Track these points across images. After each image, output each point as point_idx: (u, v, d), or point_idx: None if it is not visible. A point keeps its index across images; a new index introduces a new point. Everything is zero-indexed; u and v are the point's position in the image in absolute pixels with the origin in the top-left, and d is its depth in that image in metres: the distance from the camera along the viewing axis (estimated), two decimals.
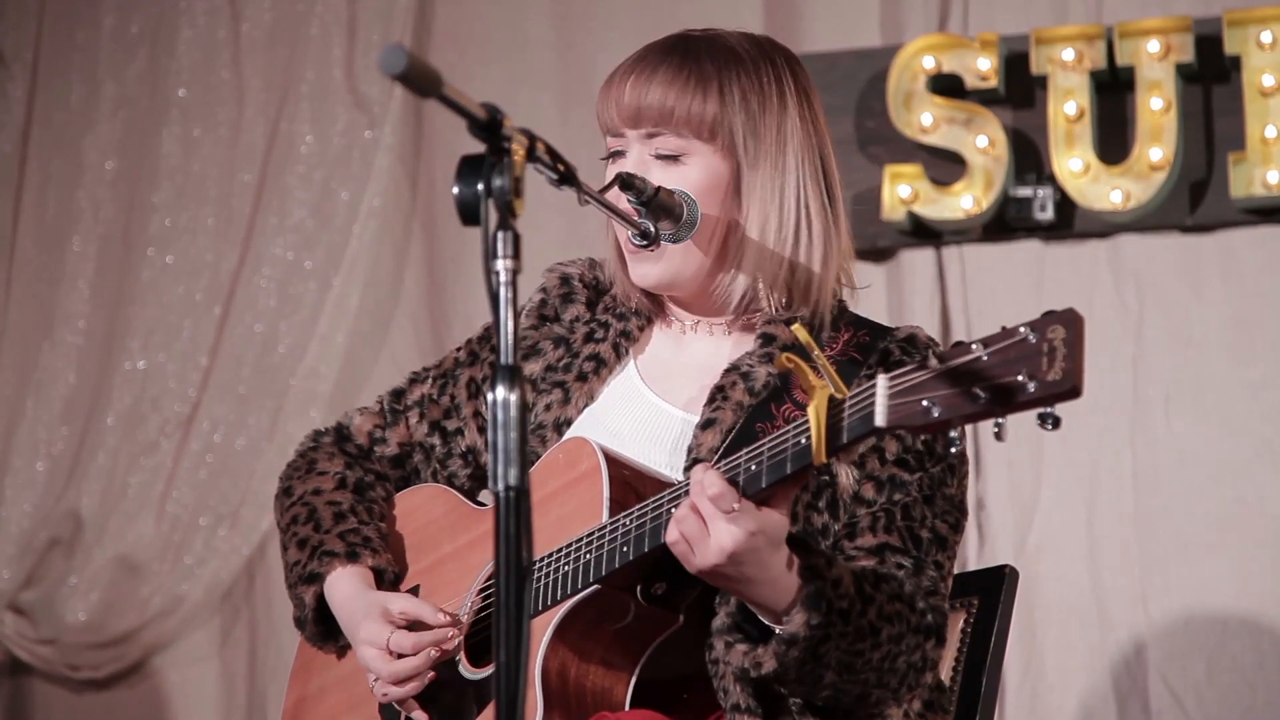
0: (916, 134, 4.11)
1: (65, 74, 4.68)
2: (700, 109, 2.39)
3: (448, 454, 2.64)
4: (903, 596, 2.23)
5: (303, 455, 2.71)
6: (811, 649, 2.13)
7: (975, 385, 1.85)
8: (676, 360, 2.49)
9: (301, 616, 2.57)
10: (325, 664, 2.61)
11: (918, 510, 2.32)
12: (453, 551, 2.51)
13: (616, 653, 2.27)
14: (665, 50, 2.44)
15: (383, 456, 2.68)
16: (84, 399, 4.56)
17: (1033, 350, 1.82)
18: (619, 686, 2.27)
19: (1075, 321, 1.81)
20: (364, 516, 2.58)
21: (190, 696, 4.52)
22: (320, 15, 4.54)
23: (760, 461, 2.06)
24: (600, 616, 2.25)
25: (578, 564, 2.23)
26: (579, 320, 2.55)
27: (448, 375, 2.66)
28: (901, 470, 2.33)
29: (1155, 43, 3.99)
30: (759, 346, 2.41)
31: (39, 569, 4.49)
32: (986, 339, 1.86)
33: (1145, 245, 4.05)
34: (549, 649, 2.24)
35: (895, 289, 4.16)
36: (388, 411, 2.69)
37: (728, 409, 2.35)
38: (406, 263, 4.54)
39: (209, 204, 4.57)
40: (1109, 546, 3.99)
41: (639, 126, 2.40)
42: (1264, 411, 3.95)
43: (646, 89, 2.39)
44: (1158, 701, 3.91)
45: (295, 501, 2.63)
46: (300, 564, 2.55)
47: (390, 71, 1.70)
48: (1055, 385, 1.81)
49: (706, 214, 2.40)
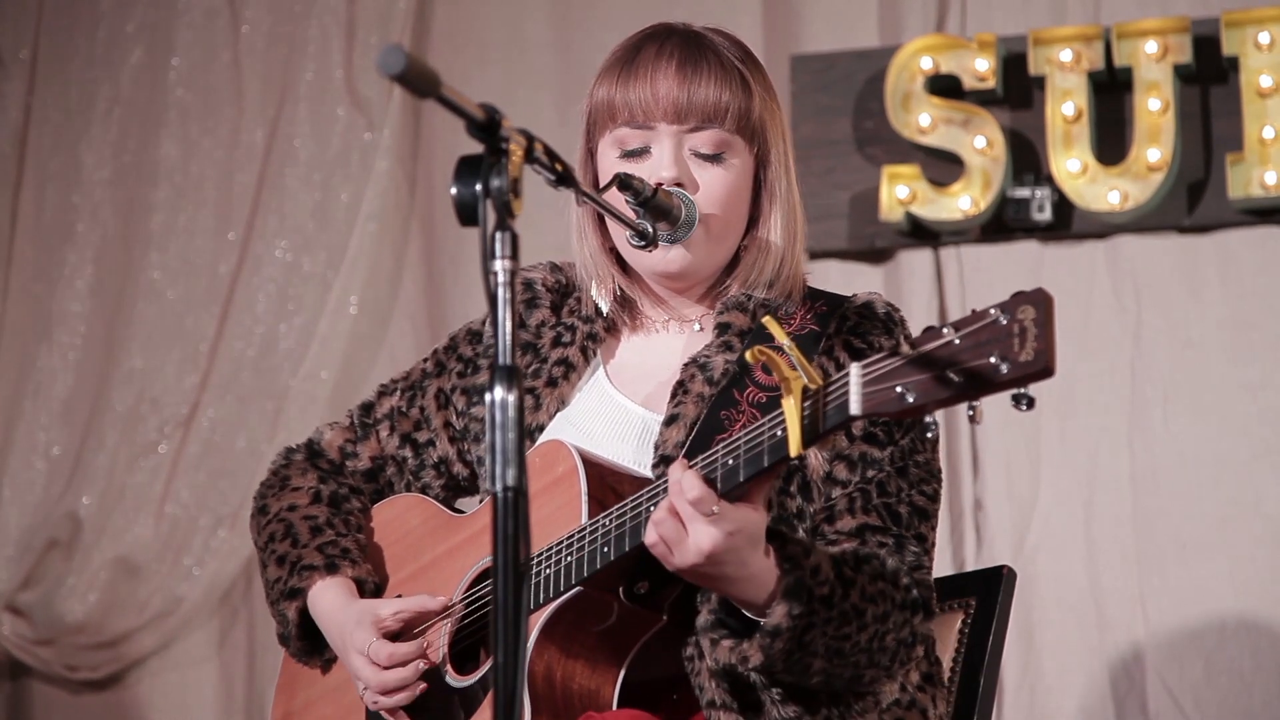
0: (914, 135, 4.11)
1: (63, 74, 4.67)
2: (748, 106, 2.40)
3: (420, 466, 2.63)
4: (885, 575, 2.23)
5: (275, 473, 2.70)
6: (796, 638, 2.13)
7: (949, 369, 1.86)
8: (643, 360, 2.49)
9: (285, 633, 2.57)
10: (311, 678, 2.61)
11: (892, 485, 2.32)
12: (433, 560, 2.50)
13: (602, 653, 2.27)
14: (688, 43, 2.42)
15: (355, 471, 2.67)
16: (83, 400, 4.56)
17: (1004, 332, 1.83)
18: (606, 687, 2.27)
19: (1045, 301, 1.82)
20: (341, 529, 2.57)
21: (189, 697, 4.51)
22: (319, 16, 4.54)
23: (737, 456, 2.06)
24: (584, 618, 2.25)
25: (559, 566, 2.23)
26: (545, 325, 2.54)
27: (415, 387, 2.65)
28: (872, 447, 2.33)
29: (1153, 43, 4.00)
30: (715, 337, 2.41)
31: (38, 570, 4.49)
32: (957, 322, 1.87)
33: (1143, 246, 4.05)
34: (534, 652, 2.24)
35: (893, 289, 4.16)
36: (358, 426, 2.69)
37: (689, 402, 2.35)
38: (405, 263, 4.54)
39: (208, 205, 4.57)
40: (1107, 547, 3.99)
41: (685, 121, 2.38)
42: (1262, 412, 3.95)
43: (695, 83, 2.38)
44: (1155, 702, 3.91)
45: (271, 519, 2.62)
46: (280, 580, 2.55)
47: (389, 72, 1.70)
48: (1028, 366, 1.82)
49: (735, 212, 2.40)
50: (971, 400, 1.87)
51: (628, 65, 2.42)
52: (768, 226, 2.43)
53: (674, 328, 2.49)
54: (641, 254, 2.39)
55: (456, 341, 2.64)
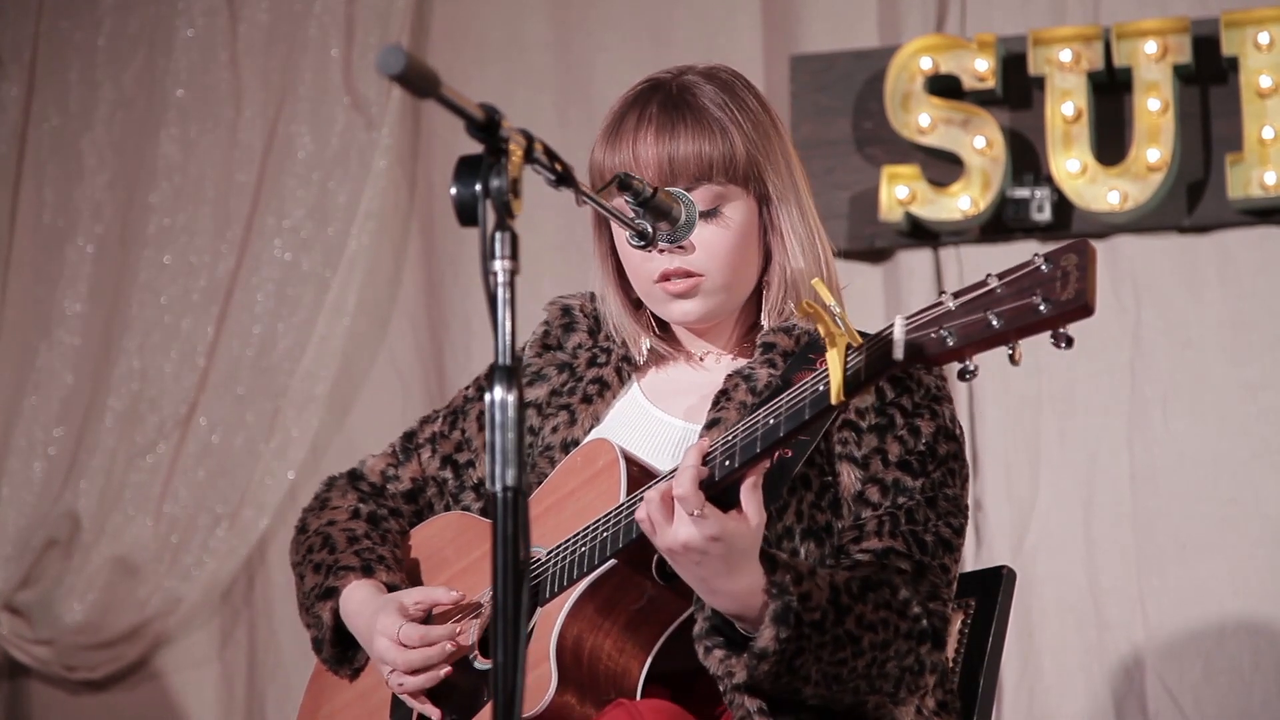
0: (914, 135, 4.11)
1: (63, 74, 4.67)
2: (732, 152, 2.40)
3: (460, 487, 2.65)
4: (892, 604, 2.25)
5: (316, 497, 2.72)
6: (785, 662, 2.16)
7: (989, 312, 1.90)
8: (679, 379, 2.52)
9: (319, 637, 2.56)
10: (337, 687, 2.61)
11: (920, 514, 2.34)
12: (471, 562, 2.52)
13: (631, 636, 2.29)
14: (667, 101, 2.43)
15: (396, 493, 2.69)
16: (81, 399, 4.56)
17: (1046, 277, 1.88)
18: (633, 669, 2.29)
19: (1088, 250, 1.87)
20: (378, 540, 2.59)
21: (189, 698, 4.51)
22: (318, 16, 4.54)
23: (779, 414, 2.09)
24: (617, 595, 2.27)
25: (594, 542, 2.27)
26: (581, 347, 2.58)
27: (457, 411, 2.68)
28: (905, 475, 2.35)
29: (1153, 44, 4.00)
30: (759, 355, 2.43)
31: (36, 569, 4.49)
32: (1001, 272, 1.92)
33: (1143, 246, 4.05)
34: (564, 625, 2.26)
35: (893, 290, 4.16)
36: (399, 451, 2.71)
37: (731, 409, 2.37)
38: (404, 263, 4.54)
39: (206, 204, 4.57)
40: (1106, 547, 3.99)
41: (674, 184, 2.39)
42: (1261, 412, 3.95)
43: (675, 143, 2.39)
44: (1155, 702, 3.91)
45: (310, 535, 2.63)
46: (317, 586, 2.55)
47: (388, 72, 1.70)
48: (1069, 304, 1.86)
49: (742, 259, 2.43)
50: (1012, 342, 1.91)
51: (614, 132, 2.44)
52: (784, 257, 2.46)
53: (711, 359, 2.53)
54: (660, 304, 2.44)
55: None
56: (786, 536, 2.31)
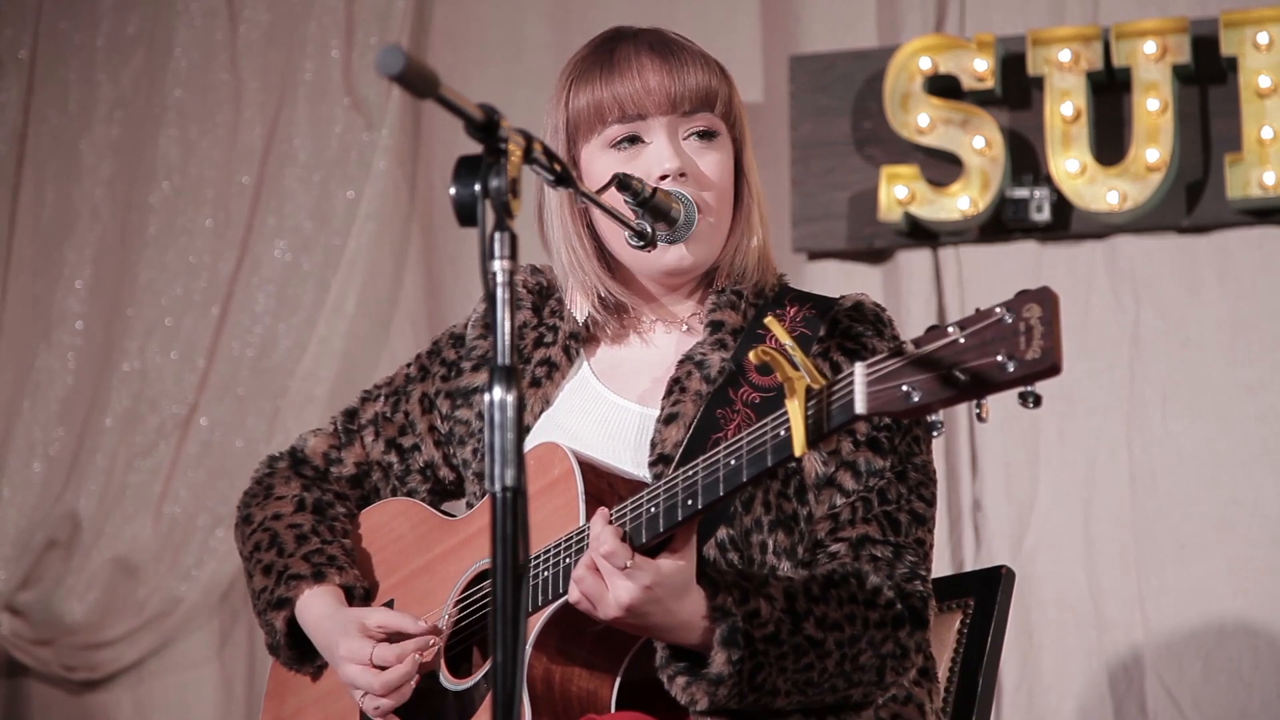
0: (913, 135, 4.11)
1: (62, 74, 4.67)
2: (729, 93, 2.46)
3: (405, 471, 2.63)
4: (860, 597, 2.25)
5: (259, 482, 2.69)
6: (745, 681, 2.16)
7: (954, 368, 1.86)
8: (628, 355, 2.50)
9: (274, 643, 2.56)
10: (300, 684, 2.60)
11: (893, 491, 2.34)
12: (425, 564, 2.50)
13: (600, 655, 2.28)
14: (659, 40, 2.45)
15: (340, 477, 2.67)
16: (81, 400, 4.56)
17: (1009, 330, 1.83)
18: (604, 689, 2.27)
19: (1050, 299, 1.82)
20: (326, 536, 2.57)
21: (188, 698, 4.51)
22: (318, 16, 4.54)
23: (739, 456, 2.07)
24: (582, 620, 2.24)
25: (556, 569, 2.24)
26: (526, 326, 2.55)
27: (400, 392, 2.65)
28: (875, 455, 2.35)
29: (1152, 44, 4.00)
30: (708, 334, 2.42)
31: (36, 570, 4.49)
32: (962, 321, 1.87)
33: (1142, 246, 4.05)
34: (533, 655, 2.25)
35: (892, 290, 4.16)
36: (342, 432, 2.68)
37: (687, 400, 2.36)
38: (404, 264, 4.54)
39: (206, 205, 4.57)
40: (1106, 547, 3.99)
41: (678, 109, 2.41)
42: (1260, 412, 3.95)
43: (683, 71, 2.41)
44: (1154, 702, 3.91)
45: (255, 528, 2.61)
46: (267, 590, 2.54)
47: (388, 72, 1.70)
48: (1035, 364, 1.82)
49: (723, 194, 2.43)
50: (978, 399, 1.86)
51: (607, 64, 2.43)
52: (747, 211, 2.47)
53: (660, 328, 2.50)
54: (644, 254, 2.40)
55: (440, 345, 2.65)
56: (756, 529, 2.31)
